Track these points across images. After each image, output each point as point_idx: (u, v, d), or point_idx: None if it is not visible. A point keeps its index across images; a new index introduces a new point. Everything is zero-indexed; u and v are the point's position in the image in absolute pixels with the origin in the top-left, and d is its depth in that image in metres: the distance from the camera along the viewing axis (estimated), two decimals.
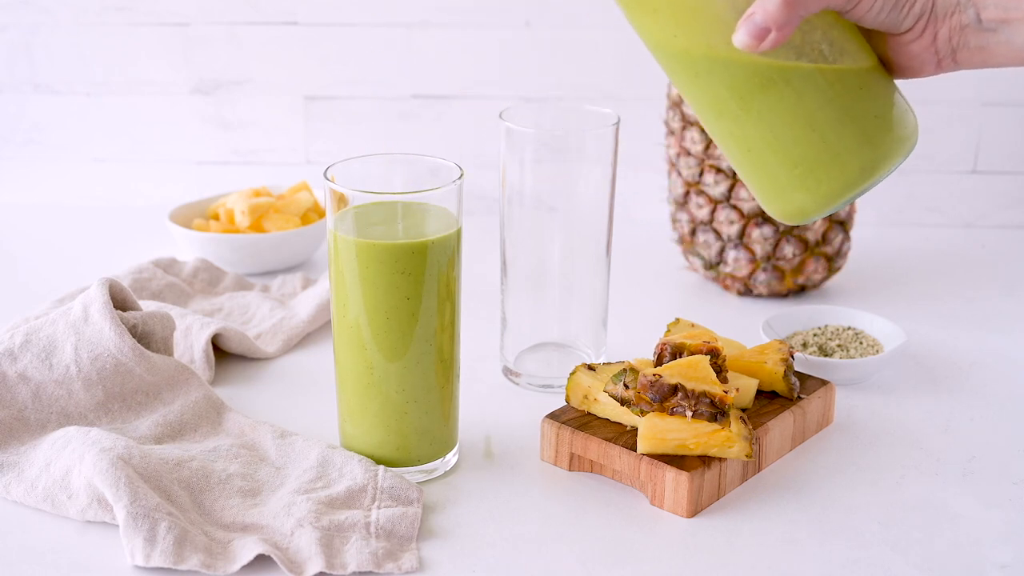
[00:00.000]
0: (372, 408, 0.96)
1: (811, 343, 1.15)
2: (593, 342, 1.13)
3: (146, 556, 0.86)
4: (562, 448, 0.99)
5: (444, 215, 0.94)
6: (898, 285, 1.36)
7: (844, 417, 1.08)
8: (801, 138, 0.82)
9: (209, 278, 1.31)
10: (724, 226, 1.28)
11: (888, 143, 0.83)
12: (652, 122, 1.44)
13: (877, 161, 0.83)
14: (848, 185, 0.83)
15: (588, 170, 1.07)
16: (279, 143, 1.58)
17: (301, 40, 1.53)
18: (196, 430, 1.02)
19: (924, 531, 0.92)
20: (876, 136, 0.83)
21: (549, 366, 1.13)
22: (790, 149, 0.82)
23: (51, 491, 0.93)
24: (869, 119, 0.82)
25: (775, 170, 0.83)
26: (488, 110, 1.51)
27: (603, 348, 1.15)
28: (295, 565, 0.86)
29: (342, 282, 0.94)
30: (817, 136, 0.82)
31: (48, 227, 1.52)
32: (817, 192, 0.83)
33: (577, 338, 1.13)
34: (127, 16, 1.53)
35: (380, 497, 0.92)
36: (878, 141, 0.83)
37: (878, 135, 0.83)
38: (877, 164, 0.83)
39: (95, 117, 1.57)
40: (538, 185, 1.08)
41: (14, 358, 1.01)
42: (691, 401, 0.92)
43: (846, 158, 0.82)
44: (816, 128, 0.82)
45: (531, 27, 1.51)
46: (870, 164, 0.83)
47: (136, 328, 1.04)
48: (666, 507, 0.93)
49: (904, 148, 0.84)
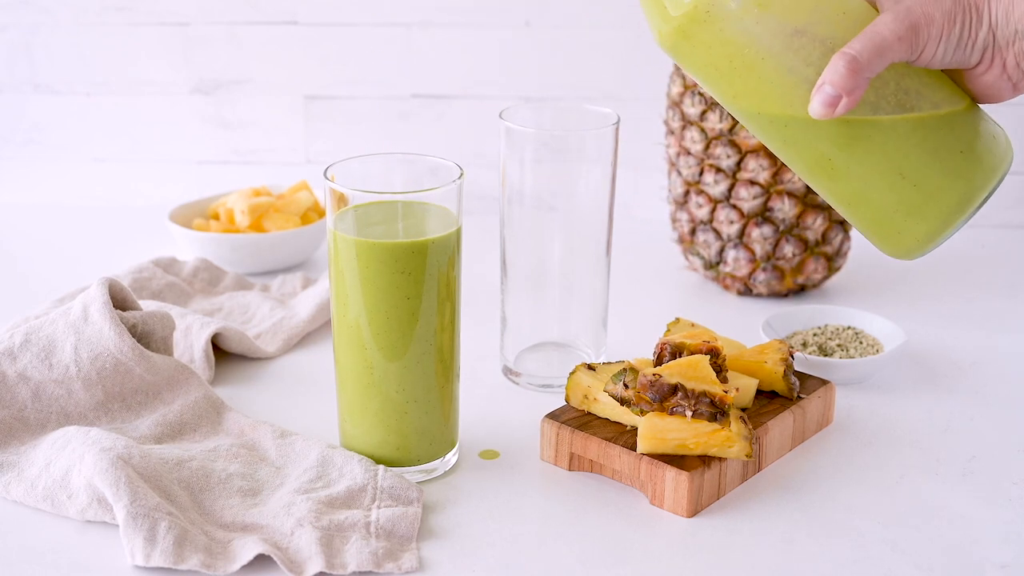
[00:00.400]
0: (372, 408, 0.96)
1: (811, 343, 1.15)
2: (593, 342, 1.13)
3: (146, 556, 0.86)
4: (562, 448, 0.99)
5: (444, 215, 0.94)
6: (898, 285, 1.36)
7: (844, 417, 1.08)
8: (894, 185, 0.85)
9: (209, 278, 1.31)
10: (724, 226, 1.28)
11: (979, 172, 0.86)
12: (652, 122, 1.44)
13: (971, 192, 0.86)
14: (948, 220, 0.86)
15: (588, 170, 1.07)
16: (279, 143, 1.58)
17: (301, 40, 1.53)
18: (196, 430, 1.02)
19: (924, 531, 0.92)
20: (966, 169, 0.86)
21: (549, 366, 1.13)
22: (886, 197, 0.86)
23: (51, 491, 0.93)
24: (955, 156, 0.85)
25: (877, 217, 0.87)
26: (488, 110, 1.51)
27: (603, 348, 1.15)
28: (295, 565, 0.86)
29: (342, 282, 0.94)
30: (908, 183, 0.85)
31: (48, 227, 1.52)
32: (919, 232, 0.86)
33: (577, 338, 1.13)
34: (127, 16, 1.53)
35: (380, 497, 0.92)
36: (969, 174, 0.86)
37: (967, 168, 0.86)
38: (972, 195, 0.86)
39: (95, 117, 1.57)
40: (538, 185, 1.08)
41: (14, 358, 1.01)
42: (691, 401, 0.92)
43: (940, 196, 0.85)
44: (906, 175, 0.85)
45: (531, 27, 1.51)
46: (965, 196, 0.86)
47: (136, 328, 1.04)
48: (666, 507, 0.93)
49: (996, 173, 0.87)
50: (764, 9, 0.84)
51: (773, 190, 1.25)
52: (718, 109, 1.25)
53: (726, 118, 1.25)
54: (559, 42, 1.51)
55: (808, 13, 0.84)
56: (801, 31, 0.84)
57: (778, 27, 0.84)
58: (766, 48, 0.84)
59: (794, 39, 0.84)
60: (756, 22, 0.84)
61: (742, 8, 0.84)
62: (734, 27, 0.84)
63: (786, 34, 0.84)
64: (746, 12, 0.84)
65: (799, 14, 0.84)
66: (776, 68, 0.84)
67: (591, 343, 1.13)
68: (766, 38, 0.84)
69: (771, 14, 0.84)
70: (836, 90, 0.82)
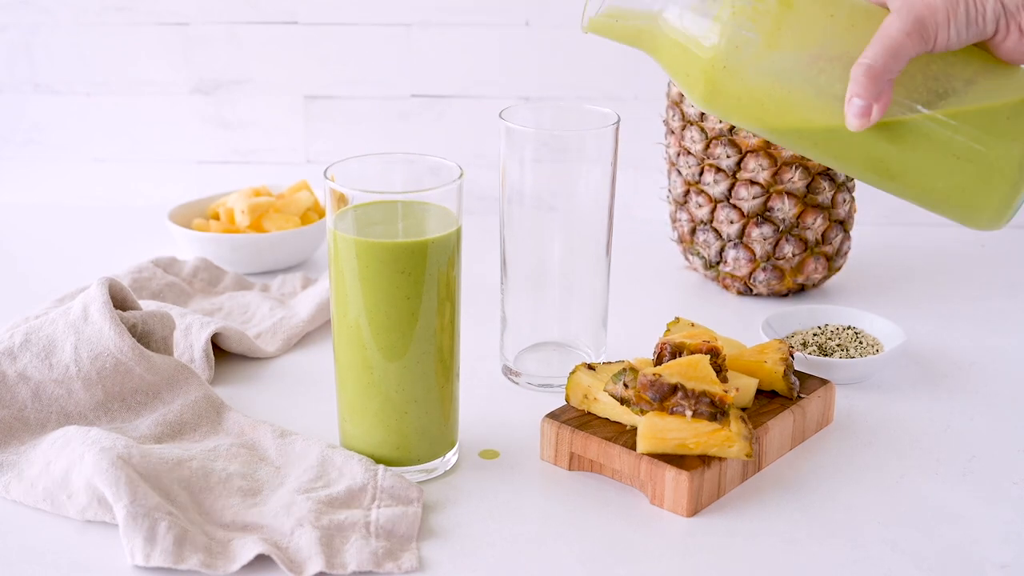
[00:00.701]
0: (372, 408, 0.96)
1: (811, 343, 1.15)
2: (593, 342, 1.13)
3: (146, 556, 0.86)
4: (562, 448, 0.99)
5: (444, 215, 0.94)
6: (898, 285, 1.36)
7: (844, 417, 1.08)
8: (952, 169, 0.87)
9: (209, 278, 1.31)
10: (724, 225, 1.28)
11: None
12: (652, 122, 1.44)
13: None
14: (1017, 184, 0.87)
15: (588, 170, 1.07)
16: (279, 143, 1.58)
17: (301, 40, 1.53)
18: (196, 430, 1.02)
19: (924, 531, 0.92)
20: (1018, 131, 0.86)
21: (549, 366, 1.13)
22: (948, 182, 0.87)
23: (51, 491, 0.93)
24: (1002, 122, 0.86)
25: (948, 201, 0.89)
26: (488, 110, 1.51)
27: (603, 348, 1.15)
28: (295, 565, 0.86)
29: (342, 282, 0.94)
30: (964, 162, 0.86)
31: (48, 227, 1.52)
32: (993, 203, 0.88)
33: (577, 338, 1.13)
34: (127, 16, 1.53)
35: (380, 497, 0.92)
36: (1021, 134, 0.86)
37: (1018, 129, 0.86)
38: None
39: (95, 117, 1.57)
40: (538, 185, 1.08)
41: (14, 358, 1.01)
42: (691, 401, 0.92)
43: (1000, 165, 0.86)
44: (960, 156, 0.86)
45: (531, 27, 1.51)
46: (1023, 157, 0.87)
47: (136, 328, 1.04)
48: (666, 507, 0.93)
49: None
50: (775, 49, 0.86)
51: (773, 190, 1.25)
52: None
53: None
54: (559, 42, 1.51)
55: (818, 38, 0.87)
56: (817, 56, 0.87)
57: (794, 60, 0.87)
58: (790, 81, 0.87)
59: (813, 65, 0.86)
60: (772, 62, 0.86)
61: (755, 53, 0.86)
62: (754, 72, 0.87)
63: (804, 63, 0.87)
64: (760, 56, 0.87)
65: (809, 42, 0.87)
66: (806, 95, 0.87)
67: (591, 343, 1.13)
68: (787, 72, 0.87)
69: (783, 51, 0.87)
70: (864, 100, 0.84)
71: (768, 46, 0.86)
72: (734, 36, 0.87)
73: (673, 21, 0.89)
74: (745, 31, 0.87)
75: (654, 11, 0.91)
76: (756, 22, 0.87)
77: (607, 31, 0.94)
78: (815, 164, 1.25)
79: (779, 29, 0.86)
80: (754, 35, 0.86)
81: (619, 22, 0.93)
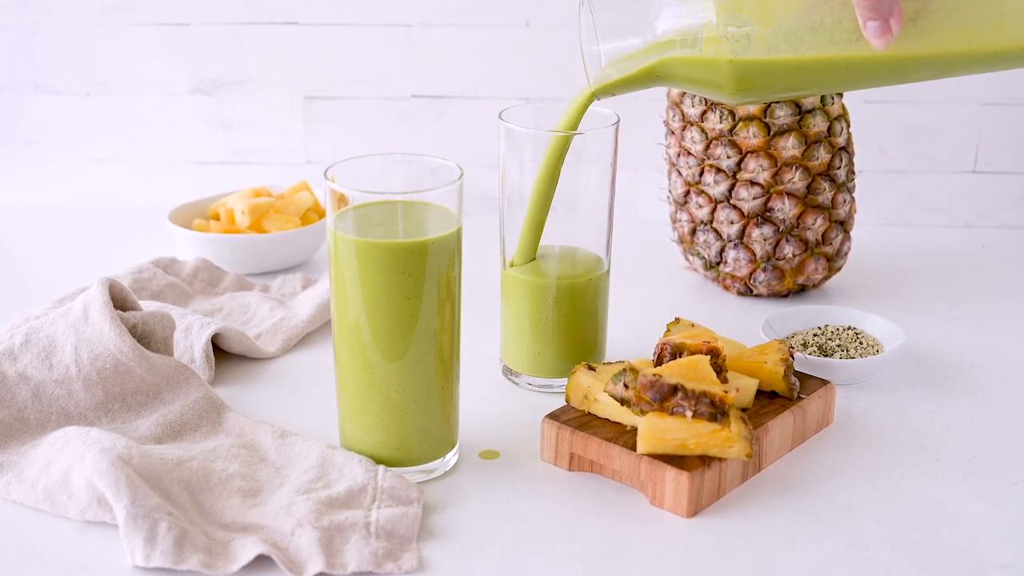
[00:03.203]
0: (372, 408, 0.96)
1: (811, 343, 1.15)
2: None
3: (146, 556, 0.86)
4: (562, 448, 0.99)
5: (444, 215, 0.94)
6: (898, 285, 1.36)
7: (844, 417, 1.08)
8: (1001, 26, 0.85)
9: (209, 278, 1.31)
10: (724, 226, 1.28)
11: None
12: (652, 122, 1.44)
13: None
14: None
15: (588, 170, 1.07)
16: (279, 143, 1.58)
17: (301, 40, 1.53)
18: (196, 430, 1.02)
19: (924, 531, 0.92)
20: None
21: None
22: (1009, 38, 0.86)
23: (51, 491, 0.93)
24: None
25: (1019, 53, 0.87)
26: (488, 110, 1.51)
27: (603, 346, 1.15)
28: (295, 565, 0.86)
29: (342, 282, 0.94)
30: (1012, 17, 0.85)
31: (48, 227, 1.52)
32: None
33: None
34: (127, 16, 1.53)
35: (380, 497, 0.92)
36: None
37: None
38: None
39: (95, 117, 1.57)
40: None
41: (14, 358, 1.02)
42: (691, 401, 0.92)
43: None
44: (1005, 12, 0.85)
45: (531, 27, 1.51)
46: None
47: (136, 328, 1.04)
48: (666, 507, 0.93)
49: None
50: (772, 24, 0.86)
51: (773, 190, 1.25)
52: (718, 109, 1.25)
53: (726, 118, 1.25)
54: (559, 42, 1.51)
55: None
56: (813, 8, 0.85)
57: (795, 23, 0.85)
58: (802, 43, 0.86)
59: (814, 16, 0.85)
60: (776, 36, 0.85)
61: (758, 38, 0.85)
62: (767, 52, 0.87)
63: (805, 23, 0.86)
64: (763, 37, 0.86)
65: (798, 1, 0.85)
66: (823, 49, 0.86)
67: None
68: (794, 38, 0.86)
69: (781, 22, 0.85)
70: (878, 19, 0.83)
71: (765, 25, 0.86)
72: (729, 32, 0.86)
73: (670, 40, 0.89)
74: (737, 24, 0.86)
75: (648, 40, 0.91)
76: (743, 10, 0.86)
77: (617, 85, 0.95)
78: (815, 165, 1.25)
79: (766, 6, 0.86)
80: (747, 23, 0.86)
81: (622, 71, 0.93)
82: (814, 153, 1.25)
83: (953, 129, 1.51)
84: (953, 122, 1.51)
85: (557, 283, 1.08)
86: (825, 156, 1.25)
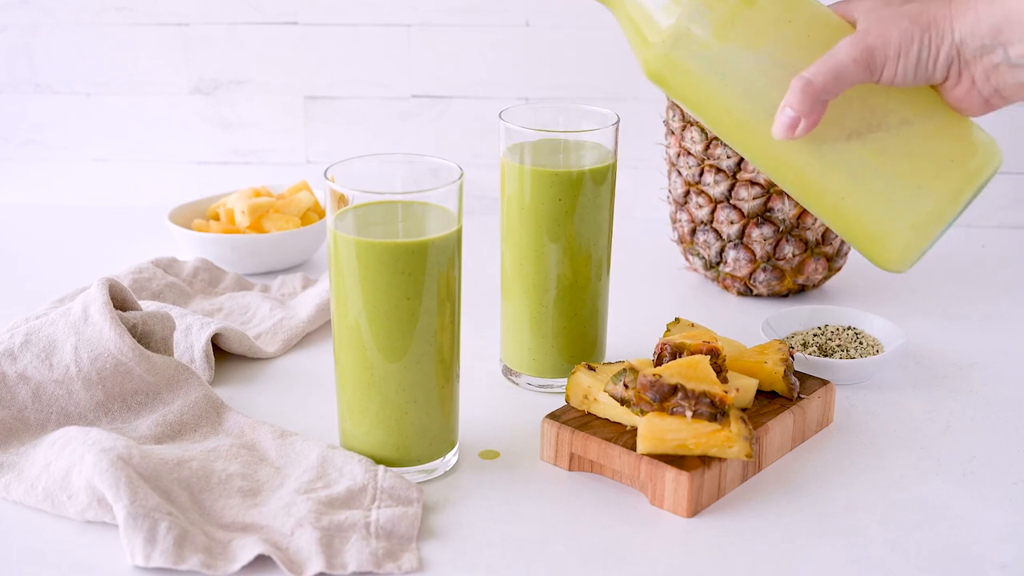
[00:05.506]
0: (372, 408, 0.96)
1: (811, 343, 1.15)
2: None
3: (146, 556, 0.86)
4: (562, 448, 0.99)
5: (444, 215, 0.94)
6: (898, 285, 1.36)
7: (844, 417, 1.08)
8: (872, 199, 0.87)
9: (209, 278, 1.31)
10: (724, 226, 1.28)
11: (955, 180, 0.87)
12: (652, 122, 1.44)
13: (949, 201, 0.87)
14: (928, 228, 0.88)
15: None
16: (279, 143, 1.58)
17: (301, 40, 1.53)
18: (196, 430, 1.02)
19: (924, 531, 0.92)
20: (941, 180, 0.87)
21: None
22: (864, 211, 0.88)
23: (51, 491, 0.93)
24: (930, 166, 0.87)
25: (859, 230, 0.89)
26: (488, 110, 1.51)
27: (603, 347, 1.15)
28: (295, 565, 0.86)
29: (342, 282, 0.94)
30: (883, 196, 0.87)
31: (48, 227, 1.52)
32: (901, 242, 0.88)
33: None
34: (127, 16, 1.53)
35: (380, 497, 0.92)
36: (944, 184, 0.87)
37: (943, 178, 0.87)
38: (949, 204, 0.88)
39: (95, 117, 1.57)
40: None
41: (14, 358, 1.02)
42: (691, 401, 0.92)
43: (917, 207, 0.87)
44: (880, 189, 0.87)
45: (531, 27, 1.51)
46: (942, 206, 0.88)
47: (136, 328, 1.04)
48: (666, 507, 0.93)
49: (975, 180, 0.88)
50: (724, 41, 0.86)
51: (773, 190, 1.25)
52: None
53: None
54: (559, 42, 1.51)
55: (771, 39, 0.87)
56: (764, 57, 0.87)
57: (741, 55, 0.86)
58: (724, 77, 0.87)
59: (757, 65, 0.87)
60: (718, 53, 0.86)
61: (703, 41, 0.86)
62: (699, 57, 0.87)
63: (750, 61, 0.87)
64: (707, 45, 0.86)
65: (763, 41, 0.87)
66: (743, 94, 0.87)
67: None
68: (729, 66, 0.87)
69: (732, 44, 0.86)
70: (795, 112, 0.85)
71: (718, 37, 0.86)
72: (687, 19, 0.87)
73: None
74: (699, 17, 0.86)
75: None
76: (713, 9, 0.86)
77: None
78: None
79: (733, 22, 0.86)
80: (707, 23, 0.86)
81: None
82: None
83: None
84: None
85: (557, 283, 1.08)
86: None
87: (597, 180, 1.06)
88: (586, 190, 1.06)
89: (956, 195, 0.87)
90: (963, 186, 0.87)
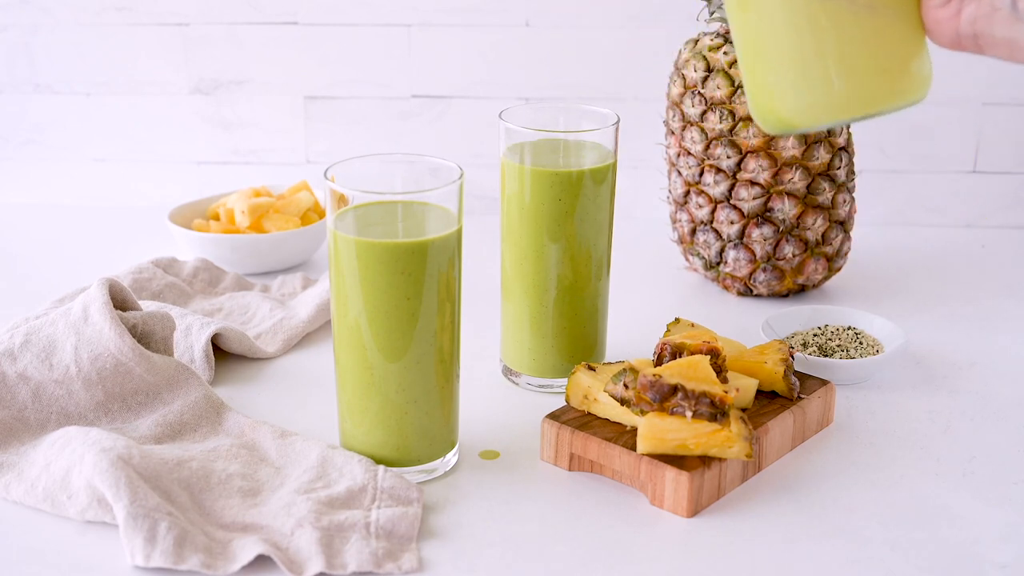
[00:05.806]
0: (372, 408, 0.96)
1: (811, 343, 1.15)
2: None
3: (146, 556, 0.86)
4: (562, 448, 0.99)
5: (444, 215, 0.94)
6: (898, 285, 1.36)
7: (844, 417, 1.08)
8: (802, 45, 0.83)
9: (209, 278, 1.31)
10: (724, 226, 1.28)
11: (876, 88, 0.84)
12: (652, 122, 1.44)
13: (865, 101, 0.84)
14: (830, 111, 0.84)
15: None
16: (279, 143, 1.58)
17: (301, 40, 1.53)
18: (196, 430, 1.02)
19: (924, 531, 0.92)
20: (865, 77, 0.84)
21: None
22: (786, 52, 0.83)
23: (51, 491, 0.93)
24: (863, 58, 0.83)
25: (765, 68, 0.84)
26: (488, 110, 1.51)
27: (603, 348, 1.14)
28: (295, 565, 0.86)
29: (342, 282, 0.94)
30: (818, 53, 0.83)
31: (48, 227, 1.52)
32: (792, 104, 0.84)
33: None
34: (127, 16, 1.53)
35: (380, 497, 0.92)
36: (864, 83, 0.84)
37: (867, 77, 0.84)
38: (864, 104, 0.84)
39: (95, 117, 1.57)
40: None
41: (14, 358, 1.02)
42: (691, 401, 0.92)
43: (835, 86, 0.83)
44: (817, 44, 0.83)
45: (531, 27, 1.51)
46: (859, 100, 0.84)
47: (136, 328, 1.04)
48: (666, 507, 0.93)
49: (892, 99, 0.85)
50: None
51: (773, 190, 1.25)
52: (718, 109, 1.25)
53: (726, 118, 1.25)
54: (559, 42, 1.51)
55: None
56: None
57: None
58: None
59: None
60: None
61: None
62: None
63: None
64: None
65: None
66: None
67: None
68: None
69: None
70: None
71: None
72: None
73: None
74: None
75: None
76: None
77: None
78: (815, 164, 1.25)
79: None
80: None
81: None
82: (814, 153, 1.25)
83: (953, 129, 1.51)
84: (953, 122, 1.51)
85: (557, 283, 1.08)
86: (825, 156, 1.25)
87: (597, 180, 1.06)
88: (586, 190, 1.06)
89: (866, 102, 0.84)
90: (878, 99, 0.85)
